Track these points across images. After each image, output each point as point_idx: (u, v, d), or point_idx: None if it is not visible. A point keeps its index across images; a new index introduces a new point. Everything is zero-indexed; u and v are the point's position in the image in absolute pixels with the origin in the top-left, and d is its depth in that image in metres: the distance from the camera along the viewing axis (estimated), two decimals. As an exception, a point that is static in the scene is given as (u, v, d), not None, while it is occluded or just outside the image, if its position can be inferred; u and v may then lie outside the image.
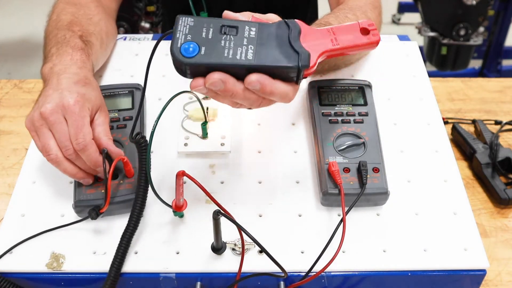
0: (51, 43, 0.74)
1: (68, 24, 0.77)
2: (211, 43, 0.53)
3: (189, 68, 0.53)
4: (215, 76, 0.52)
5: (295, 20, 0.56)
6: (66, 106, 0.62)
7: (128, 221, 0.62)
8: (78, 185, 0.65)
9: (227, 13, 0.56)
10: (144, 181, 0.62)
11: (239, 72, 0.53)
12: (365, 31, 0.57)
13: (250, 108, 0.59)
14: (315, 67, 0.55)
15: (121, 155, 0.65)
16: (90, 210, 0.63)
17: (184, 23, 0.53)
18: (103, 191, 0.65)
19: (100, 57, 0.81)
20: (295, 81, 0.55)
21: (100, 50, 0.81)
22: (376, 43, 0.57)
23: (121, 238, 0.61)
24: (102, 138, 0.64)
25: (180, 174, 0.58)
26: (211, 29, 0.53)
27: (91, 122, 0.65)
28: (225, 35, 0.53)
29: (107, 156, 0.64)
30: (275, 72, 0.53)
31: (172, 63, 0.53)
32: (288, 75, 0.54)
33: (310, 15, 1.18)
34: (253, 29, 0.54)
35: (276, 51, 0.53)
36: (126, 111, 0.73)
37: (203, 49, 0.52)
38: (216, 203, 0.57)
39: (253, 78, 0.52)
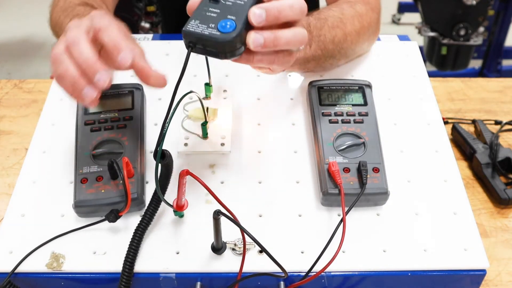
0: (68, 18, 0.72)
1: (80, 2, 0.77)
2: (230, 8, 0.54)
3: (241, 42, 0.53)
4: (258, 12, 0.53)
5: None
6: (92, 15, 0.57)
7: (141, 220, 0.63)
8: (78, 185, 0.65)
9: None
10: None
11: None
12: None
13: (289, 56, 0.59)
14: None
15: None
16: (107, 214, 0.63)
17: (194, 25, 0.54)
18: (103, 191, 0.65)
19: None
20: None
21: None
22: None
23: (132, 236, 0.62)
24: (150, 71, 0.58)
25: (184, 173, 0.57)
26: (210, 9, 0.54)
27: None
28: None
29: (113, 162, 0.64)
30: None
31: (227, 51, 0.53)
32: None
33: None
34: None
35: None
36: (126, 111, 0.73)
37: (231, 17, 0.53)
38: (219, 202, 0.57)
39: None
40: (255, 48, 0.54)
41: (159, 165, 0.58)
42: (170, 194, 0.65)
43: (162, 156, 0.59)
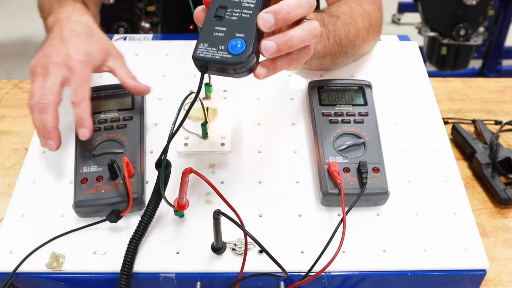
0: (52, 2, 0.78)
1: None
2: (236, 24, 0.53)
3: (254, 54, 0.52)
4: (267, 17, 0.52)
5: None
6: (72, 66, 0.66)
7: (138, 223, 0.62)
8: (78, 185, 0.66)
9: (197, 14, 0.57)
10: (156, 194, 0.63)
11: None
12: None
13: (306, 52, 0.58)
14: None
15: (148, 90, 0.70)
16: (108, 214, 0.63)
17: (203, 49, 0.53)
18: (103, 191, 0.65)
19: (96, 16, 0.85)
20: None
21: (95, 9, 0.85)
22: None
23: (131, 238, 0.61)
24: (127, 80, 0.70)
25: (187, 172, 0.57)
26: (216, 28, 0.53)
27: (110, 70, 0.71)
28: (226, 14, 0.53)
29: (113, 162, 0.64)
30: None
31: (241, 72, 0.53)
32: None
33: None
34: None
35: None
36: (126, 111, 0.73)
37: (239, 35, 0.52)
38: (223, 199, 0.57)
39: None
40: (270, 55, 0.53)
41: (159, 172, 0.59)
42: (171, 194, 0.65)
43: (165, 166, 0.59)
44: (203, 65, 0.53)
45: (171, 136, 0.57)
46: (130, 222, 0.65)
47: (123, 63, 0.72)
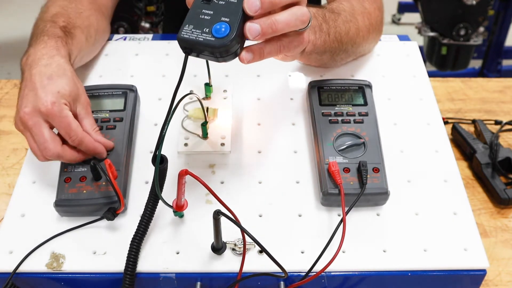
0: (32, 35, 0.74)
1: (53, 15, 0.76)
2: (223, 8, 0.53)
3: (239, 39, 0.52)
4: (252, 1, 0.52)
5: None
6: (45, 111, 0.62)
7: (139, 223, 0.62)
8: (61, 183, 0.65)
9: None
10: (154, 195, 0.63)
11: None
12: None
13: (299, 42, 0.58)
14: None
15: (111, 145, 0.68)
16: (105, 212, 0.63)
17: (188, 30, 0.53)
18: (84, 191, 0.64)
19: (85, 50, 0.80)
20: None
21: (86, 43, 0.79)
22: None
23: (132, 239, 0.61)
24: (91, 133, 0.66)
25: (183, 173, 0.57)
26: (203, 11, 0.53)
27: (75, 116, 0.66)
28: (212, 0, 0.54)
29: (95, 164, 0.64)
30: None
31: (225, 55, 0.53)
32: None
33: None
34: None
35: None
36: (117, 112, 0.72)
37: (225, 19, 0.52)
38: (219, 200, 0.57)
39: None
40: (254, 38, 0.53)
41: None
42: (170, 195, 0.65)
43: (161, 161, 0.59)
44: (188, 46, 0.53)
45: (165, 127, 0.57)
46: (131, 222, 0.65)
47: (89, 111, 0.68)
